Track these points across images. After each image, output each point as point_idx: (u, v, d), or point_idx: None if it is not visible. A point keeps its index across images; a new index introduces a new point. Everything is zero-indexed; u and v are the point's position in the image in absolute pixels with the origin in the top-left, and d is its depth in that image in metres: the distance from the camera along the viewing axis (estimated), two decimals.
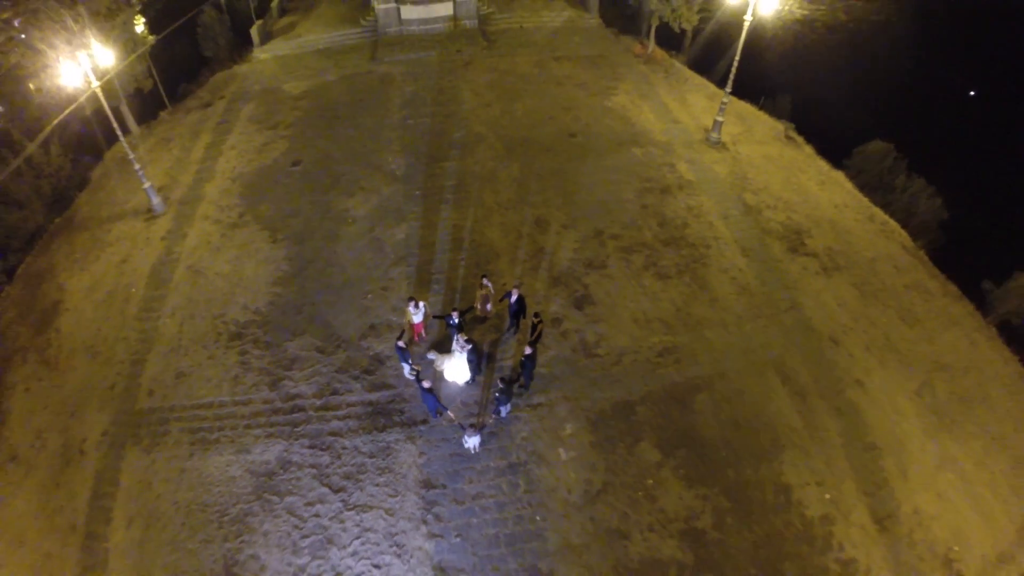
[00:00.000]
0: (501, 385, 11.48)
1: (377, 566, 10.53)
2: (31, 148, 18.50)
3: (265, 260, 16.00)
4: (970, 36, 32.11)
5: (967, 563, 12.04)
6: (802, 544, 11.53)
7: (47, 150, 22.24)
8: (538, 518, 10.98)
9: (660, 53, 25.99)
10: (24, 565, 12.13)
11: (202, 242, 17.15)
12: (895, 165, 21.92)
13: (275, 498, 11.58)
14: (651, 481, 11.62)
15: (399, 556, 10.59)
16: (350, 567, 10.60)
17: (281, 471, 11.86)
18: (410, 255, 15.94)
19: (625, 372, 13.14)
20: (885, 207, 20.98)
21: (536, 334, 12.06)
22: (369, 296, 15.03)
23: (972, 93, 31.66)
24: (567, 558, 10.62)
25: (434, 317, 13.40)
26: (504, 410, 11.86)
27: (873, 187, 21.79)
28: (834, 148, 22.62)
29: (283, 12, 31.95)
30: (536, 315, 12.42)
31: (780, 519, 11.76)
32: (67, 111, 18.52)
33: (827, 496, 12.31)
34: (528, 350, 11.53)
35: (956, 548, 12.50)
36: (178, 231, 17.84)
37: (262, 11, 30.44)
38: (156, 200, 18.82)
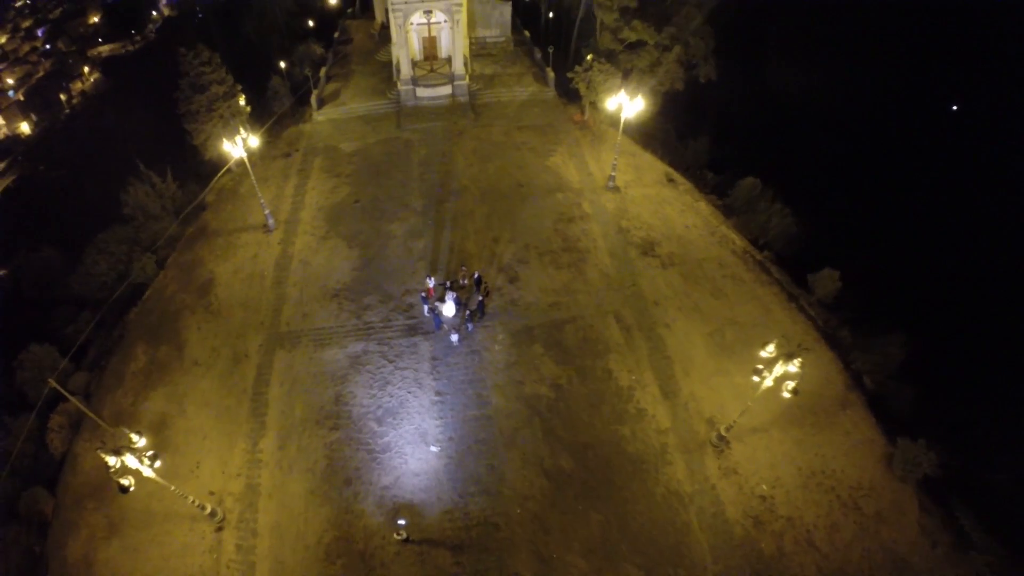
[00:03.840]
0: (468, 315, 26.82)
1: (410, 392, 25.39)
2: (202, 197, 33.73)
3: (346, 258, 31.31)
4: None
5: (722, 423, 22.52)
6: (614, 397, 25.14)
7: (164, 177, 37.04)
8: (483, 375, 25.92)
9: (593, 119, 40.99)
10: (211, 416, 24.49)
11: (306, 247, 32.40)
12: (761, 194, 33.18)
13: (360, 366, 26.49)
14: (537, 361, 26.50)
15: (420, 388, 25.48)
16: (397, 393, 25.35)
17: (363, 355, 26.85)
18: (426, 255, 31.11)
19: (531, 313, 28.13)
20: (745, 225, 34.13)
21: (486, 294, 27.32)
22: (404, 278, 30.29)
23: (955, 108, 46.55)
24: (495, 390, 25.19)
25: (438, 284, 28.62)
26: (470, 327, 27.13)
27: (742, 210, 34.51)
28: (734, 178, 34.79)
29: (328, 79, 47.52)
30: (486, 284, 27.74)
31: (604, 384, 25.57)
32: (223, 171, 33.91)
33: (633, 377, 25.84)
34: (480, 298, 26.78)
35: (717, 416, 25.00)
36: (288, 240, 33.07)
37: (313, 77, 45.80)
38: (271, 221, 34.07)
